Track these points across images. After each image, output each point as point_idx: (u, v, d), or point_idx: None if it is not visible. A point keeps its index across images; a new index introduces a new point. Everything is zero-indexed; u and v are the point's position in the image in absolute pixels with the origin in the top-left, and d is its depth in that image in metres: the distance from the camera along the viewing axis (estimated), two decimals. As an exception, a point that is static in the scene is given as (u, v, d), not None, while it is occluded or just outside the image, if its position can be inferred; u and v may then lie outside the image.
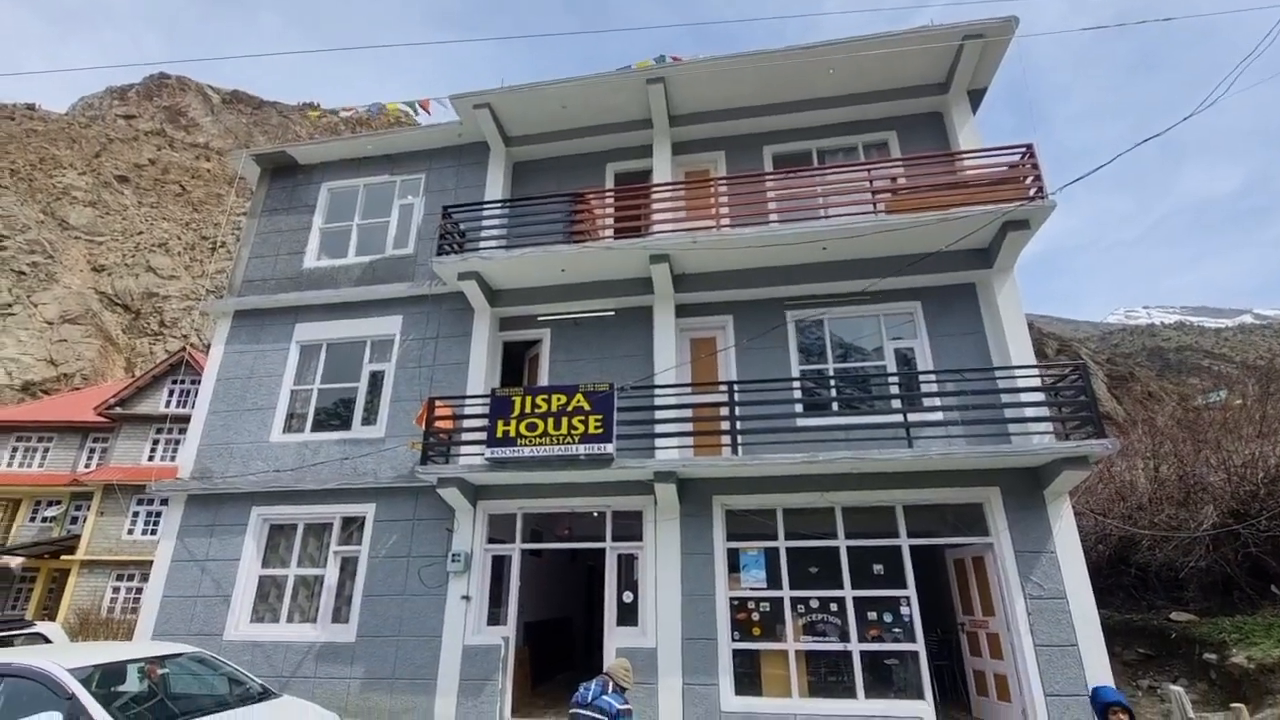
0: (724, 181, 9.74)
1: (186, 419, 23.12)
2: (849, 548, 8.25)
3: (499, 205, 10.43)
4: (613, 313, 10.11)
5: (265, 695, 7.04)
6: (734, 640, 8.11)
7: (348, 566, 9.44)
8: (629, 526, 8.96)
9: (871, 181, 9.30)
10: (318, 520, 9.73)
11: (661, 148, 10.84)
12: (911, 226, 8.66)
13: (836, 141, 10.87)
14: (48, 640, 10.74)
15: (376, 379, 10.38)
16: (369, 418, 10.14)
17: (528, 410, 8.49)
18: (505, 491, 9.16)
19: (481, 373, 9.82)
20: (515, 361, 10.87)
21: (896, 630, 7.91)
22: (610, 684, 5.37)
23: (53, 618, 19.80)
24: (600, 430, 8.24)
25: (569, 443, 8.24)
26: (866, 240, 8.85)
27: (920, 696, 7.53)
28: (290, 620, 9.36)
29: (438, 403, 9.09)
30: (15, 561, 23.11)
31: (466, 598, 8.75)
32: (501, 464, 8.48)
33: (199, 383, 23.63)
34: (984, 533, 8.11)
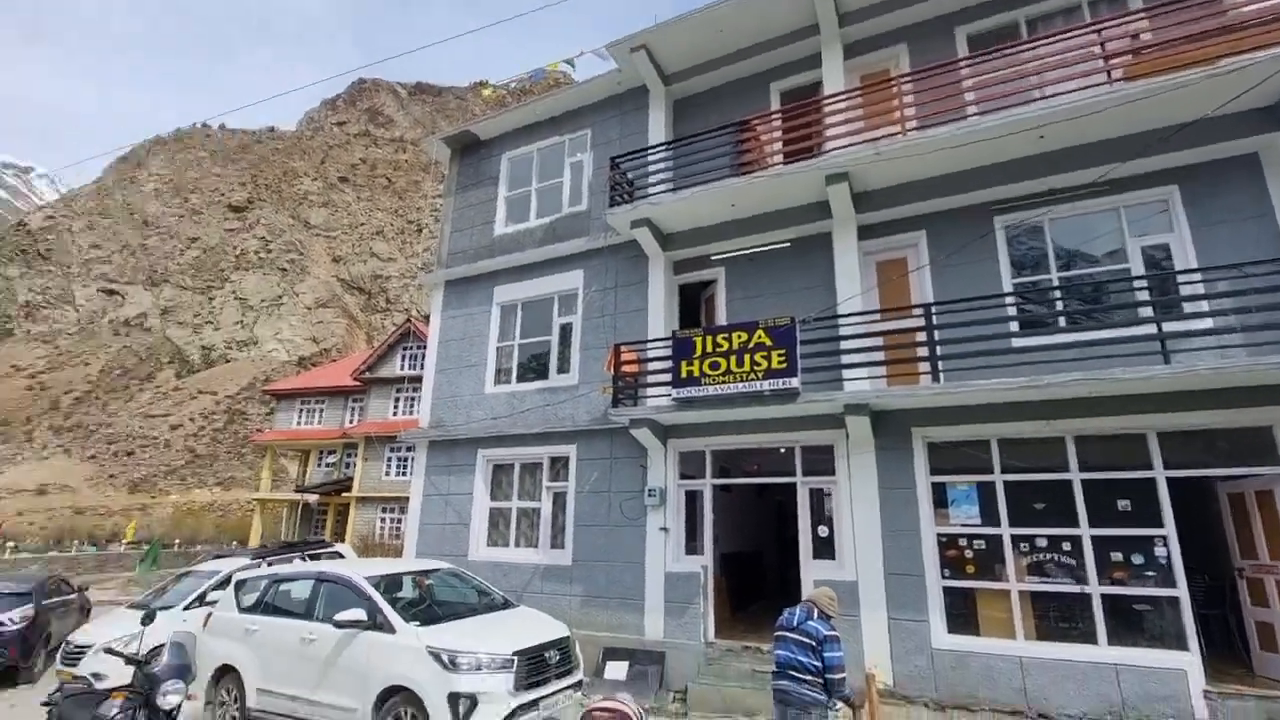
0: (908, 79, 8.65)
1: (417, 379, 26.95)
2: (1085, 482, 7.26)
3: (663, 148, 10.36)
4: (788, 244, 9.69)
5: (507, 605, 8.19)
6: (944, 578, 7.67)
7: (558, 500, 10.50)
8: (820, 461, 8.77)
9: (1104, 45, 7.63)
10: (530, 460, 10.90)
11: (831, 53, 9.89)
12: (1166, 91, 6.96)
13: (1050, 3, 9.05)
14: (343, 557, 13.53)
15: (566, 331, 11.15)
16: (563, 367, 10.98)
17: (709, 350, 8.56)
18: (693, 430, 9.43)
19: (660, 317, 10.07)
20: (692, 303, 10.97)
21: (1149, 573, 6.88)
22: (815, 610, 5.38)
23: (342, 540, 24.88)
24: (784, 365, 8.06)
25: (752, 379, 8.19)
26: (1100, 119, 7.35)
27: (1183, 647, 6.53)
28: (517, 545, 10.73)
29: (622, 349, 9.52)
30: (312, 498, 29.32)
31: (664, 529, 9.29)
32: (687, 403, 8.71)
33: (424, 347, 27.43)
34: (1274, 461, 6.63)
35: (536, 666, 6.71)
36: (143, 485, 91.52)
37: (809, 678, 5.10)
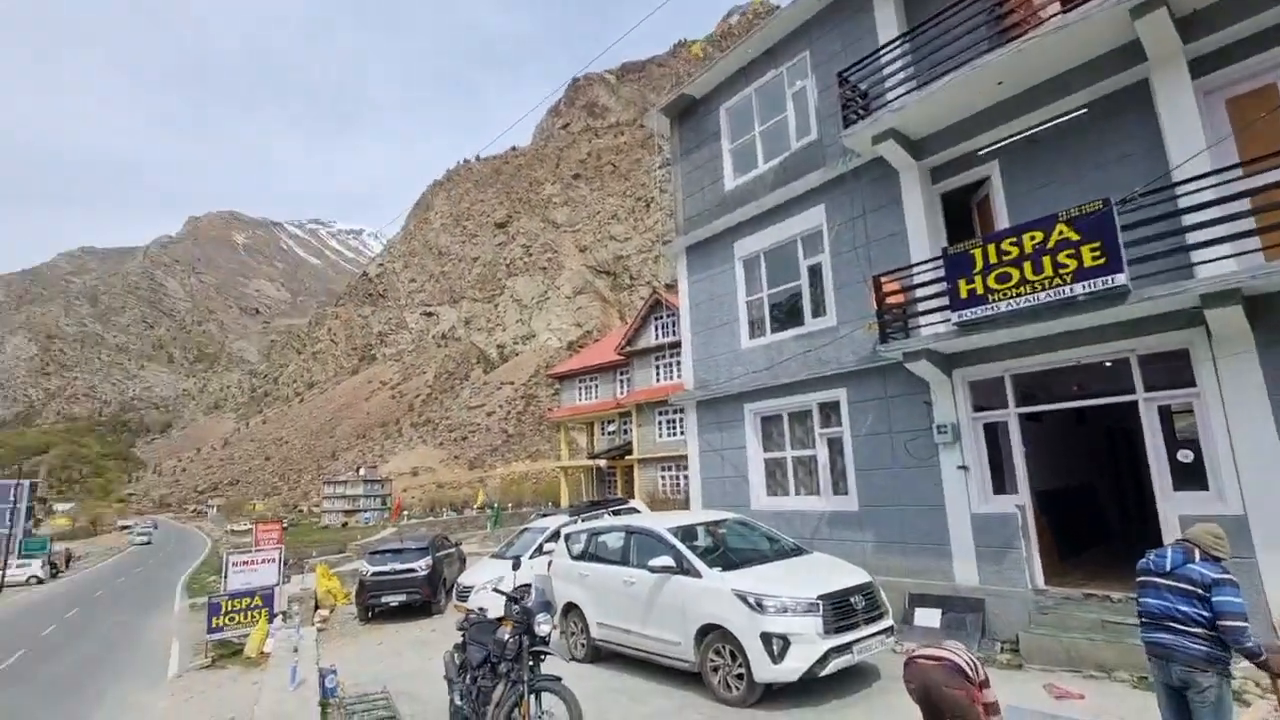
0: None
1: (673, 346, 28.52)
2: None
3: (898, 43, 9.13)
4: (1084, 110, 7.82)
5: (799, 551, 8.28)
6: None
7: (834, 446, 10.20)
8: (1168, 371, 7.04)
9: None
10: (797, 409, 10.76)
11: None
12: None
13: None
14: (639, 511, 15.06)
15: (815, 272, 10.66)
16: (818, 310, 10.54)
17: (992, 261, 7.39)
18: (982, 355, 8.31)
19: (922, 236, 9.01)
20: (958, 212, 9.60)
21: None
22: (1196, 552, 4.35)
23: (633, 497, 27.84)
24: (1100, 260, 6.57)
25: (1058, 285, 6.86)
26: None
27: None
28: (797, 494, 10.74)
29: (883, 279, 8.76)
30: (602, 462, 33.24)
31: (963, 468, 8.42)
32: (972, 327, 7.68)
33: (674, 316, 29.00)
34: None
35: (843, 611, 6.71)
36: (477, 462, 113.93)
37: (1196, 629, 4.16)
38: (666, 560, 7.57)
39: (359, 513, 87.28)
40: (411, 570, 15.01)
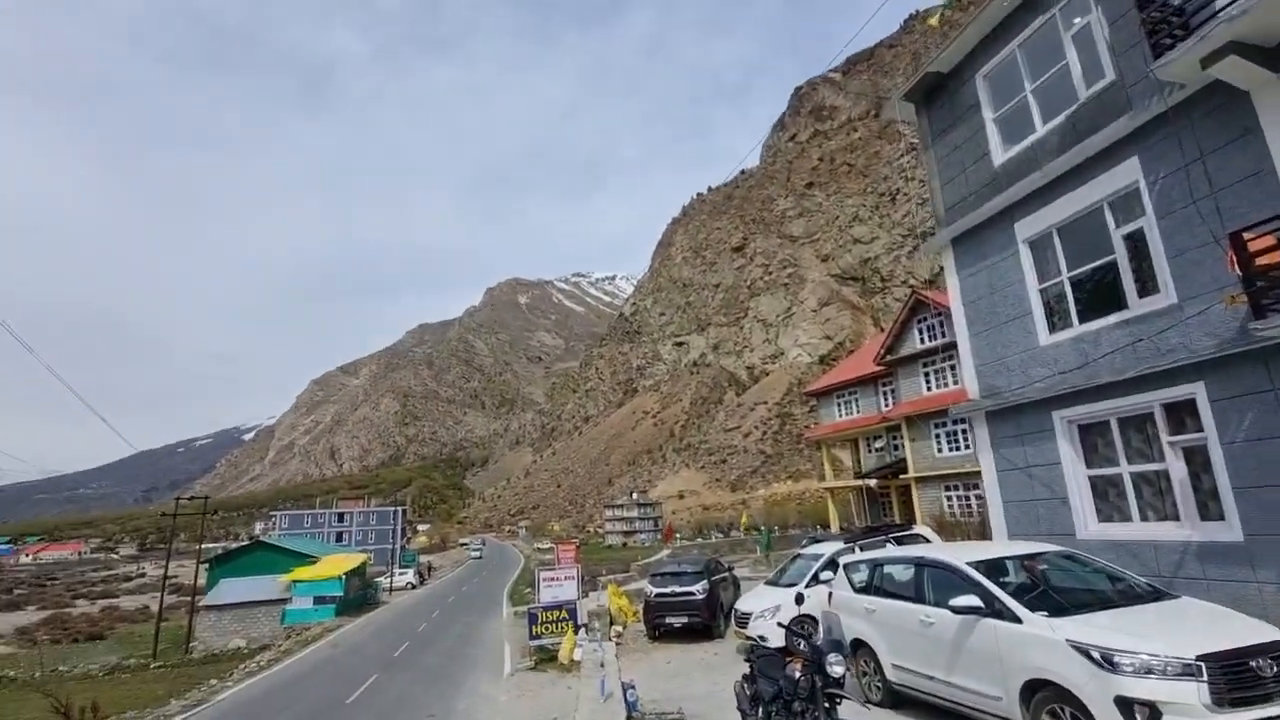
0: None
1: (939, 350, 25.62)
2: None
3: (1229, -69, 7.01)
4: None
5: (1158, 595, 6.57)
6: None
7: (1194, 457, 7.92)
8: None
9: None
10: (1131, 413, 8.64)
11: None
12: None
13: None
14: (926, 539, 13.54)
15: (1135, 241, 8.57)
16: (1146, 287, 8.42)
17: None
18: None
19: (1305, 167, 6.64)
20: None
21: None
22: None
23: (912, 522, 25.23)
24: None
25: None
26: None
27: None
28: (1143, 519, 8.56)
29: (1246, 235, 6.65)
30: (872, 482, 30.94)
31: None
32: None
33: (939, 316, 26.11)
34: None
35: (1242, 678, 5.09)
36: (739, 484, 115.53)
37: None
38: (971, 600, 6.60)
39: (635, 533, 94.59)
40: (690, 593, 15.59)
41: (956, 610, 6.66)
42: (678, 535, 78.26)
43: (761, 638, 7.98)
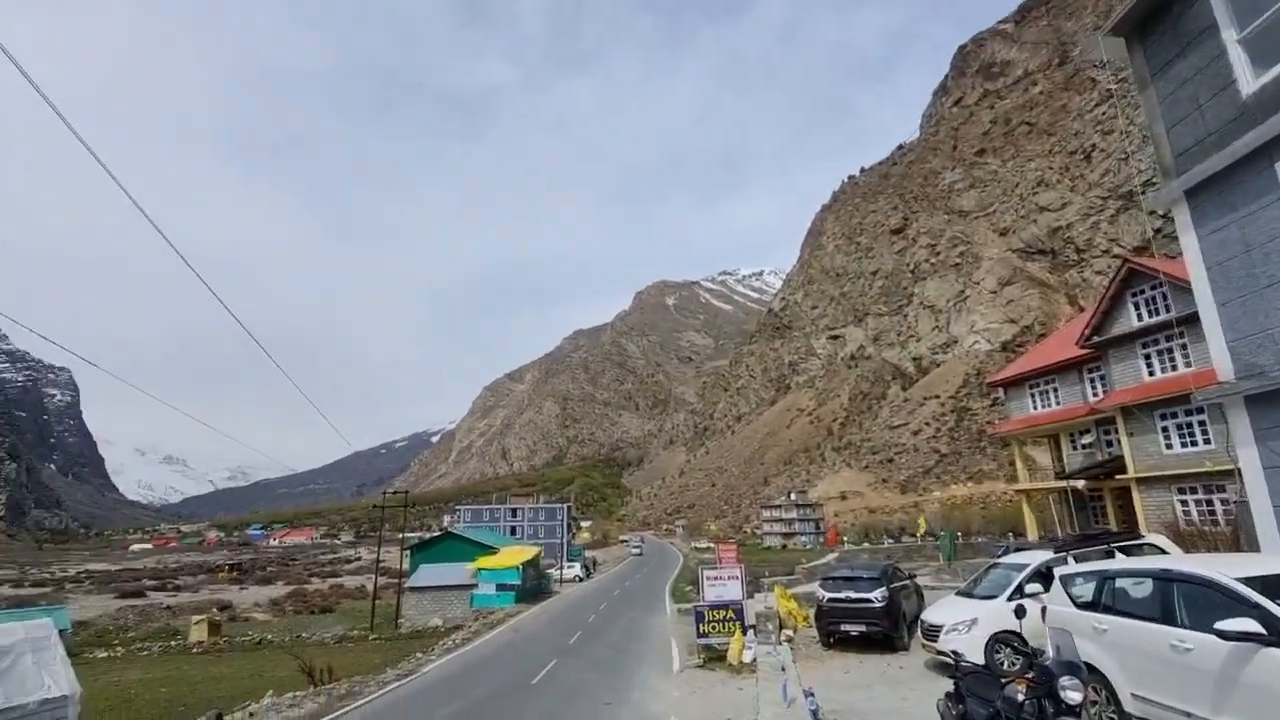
0: None
1: (1162, 327, 21.69)
2: None
3: None
4: None
5: None
6: None
7: None
8: None
9: None
10: None
11: None
12: None
13: None
14: (1162, 550, 11.43)
15: None
16: None
17: None
18: None
19: None
20: None
21: None
22: None
23: (1130, 530, 21.48)
24: None
25: None
26: None
27: None
28: None
29: None
30: (1079, 483, 26.97)
31: None
32: None
33: (1160, 286, 22.11)
34: None
35: None
36: (909, 485, 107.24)
37: None
38: (1247, 625, 5.35)
39: (795, 535, 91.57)
40: (867, 600, 14.60)
41: (1226, 636, 5.46)
42: (843, 538, 74.50)
43: (955, 653, 7.18)
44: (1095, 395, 26.36)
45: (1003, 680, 5.07)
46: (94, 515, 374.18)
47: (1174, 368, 21.91)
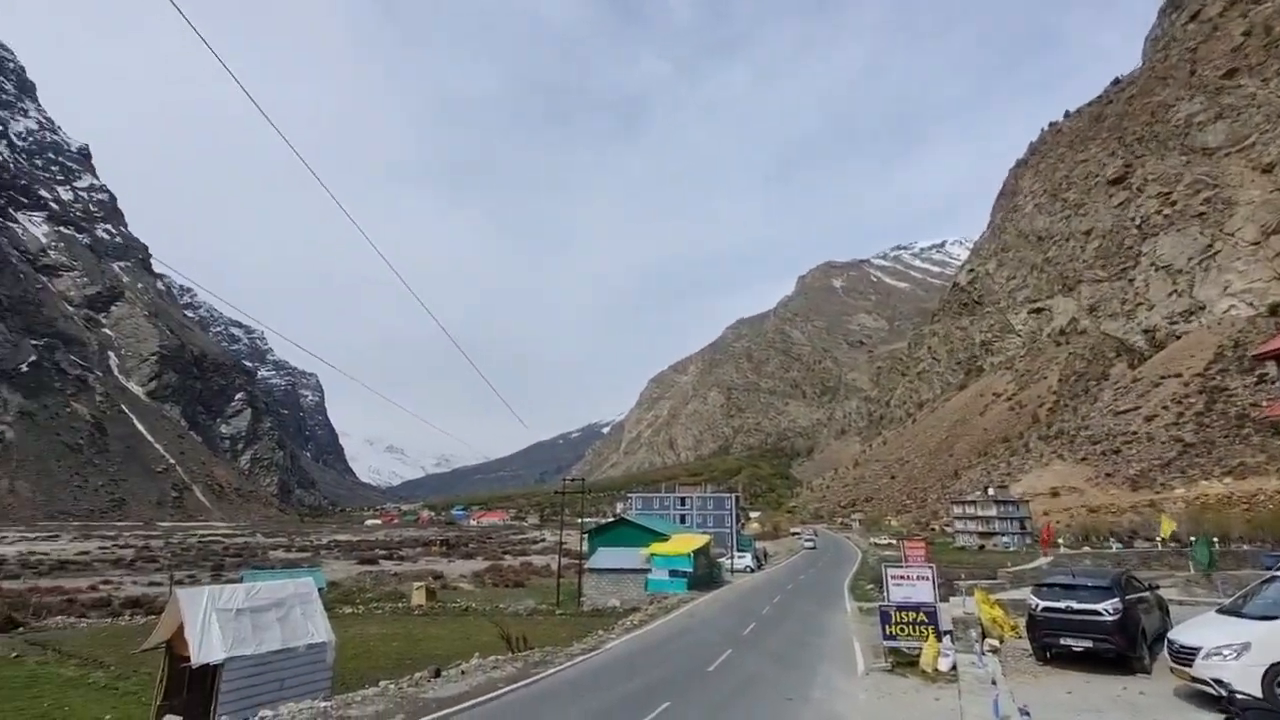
0: None
1: None
2: None
3: None
4: None
5: None
6: None
7: None
8: None
9: None
10: None
11: None
12: None
13: None
14: None
15: None
16: None
17: None
18: None
19: None
20: None
21: None
22: None
23: None
24: None
25: None
26: None
27: None
28: None
29: None
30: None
31: None
32: None
33: None
34: None
35: None
36: (1141, 481, 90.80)
37: None
38: None
39: (994, 535, 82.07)
40: (1095, 613, 12.45)
41: None
42: (1059, 541, 65.52)
43: (1220, 682, 5.77)
44: None
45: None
46: (338, 495, 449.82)
47: None
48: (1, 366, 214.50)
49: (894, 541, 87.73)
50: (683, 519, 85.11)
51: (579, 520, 56.75)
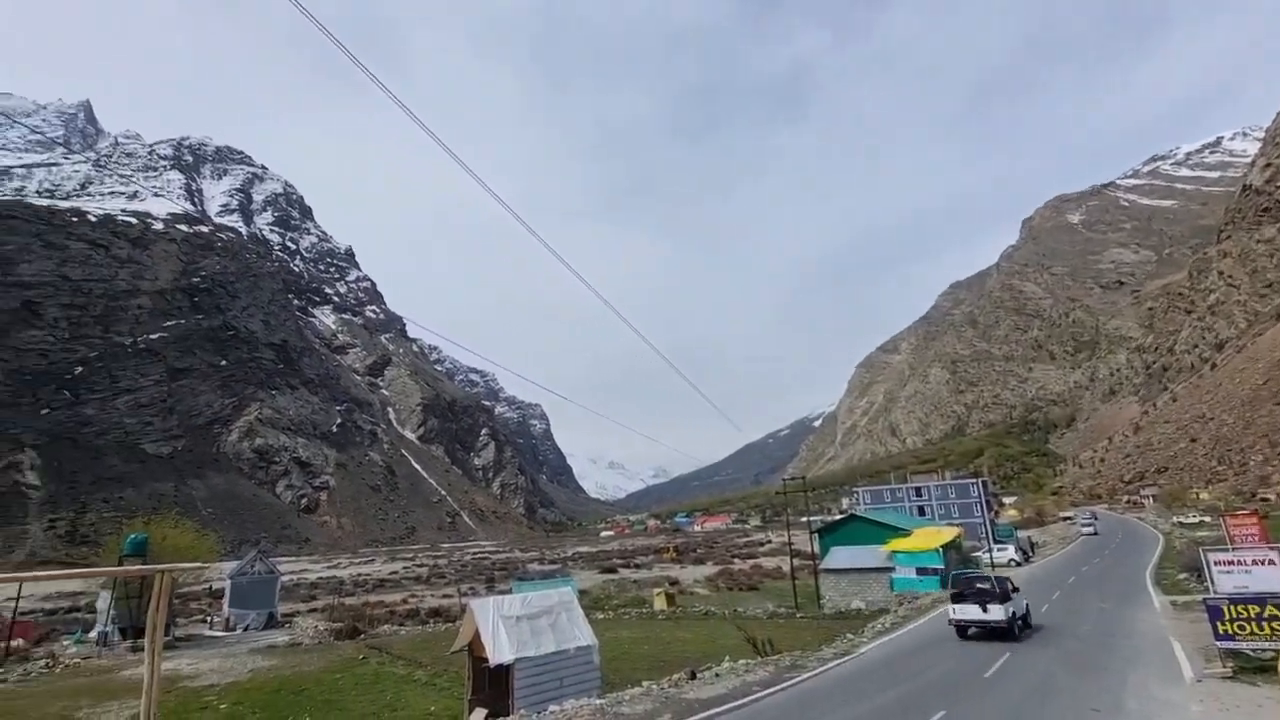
0: None
1: None
2: None
3: None
4: None
5: None
6: None
7: None
8: None
9: None
10: None
11: None
12: None
13: None
14: None
15: None
16: None
17: None
18: None
19: None
20: None
21: None
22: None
23: None
24: None
25: None
26: None
27: None
28: None
29: None
30: None
31: None
32: None
33: None
34: None
35: None
36: None
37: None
38: None
39: (1368, 500, 62.15)
40: None
41: None
42: None
43: None
44: None
45: None
46: (573, 510, 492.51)
47: None
48: (320, 430, 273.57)
49: (1207, 519, 71.00)
50: (921, 511, 78.38)
51: (804, 520, 55.13)
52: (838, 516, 63.37)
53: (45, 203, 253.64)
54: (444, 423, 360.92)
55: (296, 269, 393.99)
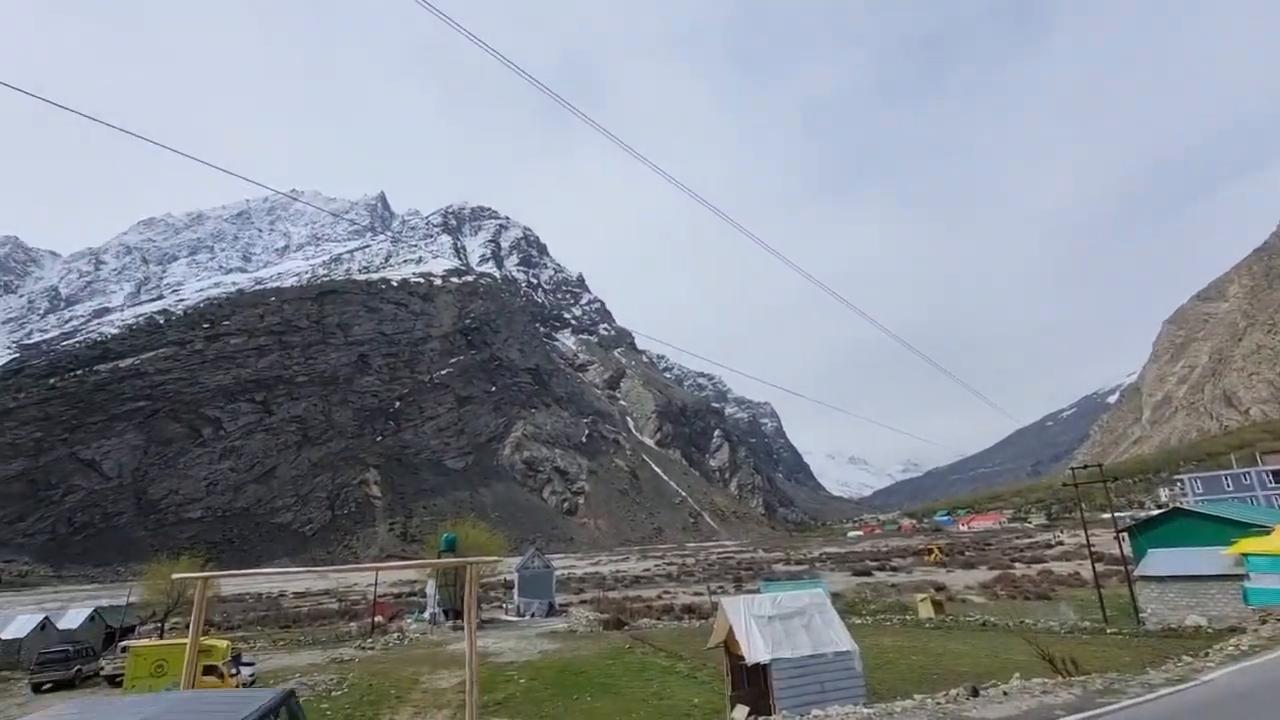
0: None
1: None
2: None
3: None
4: None
5: None
6: None
7: None
8: None
9: None
10: None
11: None
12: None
13: None
14: None
15: None
16: None
17: None
18: None
19: None
20: None
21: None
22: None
23: None
24: None
25: None
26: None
27: None
28: None
29: None
30: None
31: None
32: None
33: None
34: None
35: None
36: None
37: None
38: None
39: None
40: None
41: None
42: None
43: None
44: None
45: None
46: (815, 509, 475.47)
47: None
48: (573, 441, 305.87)
49: None
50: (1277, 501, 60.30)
51: (1111, 516, 45.89)
52: (1155, 511, 51.61)
53: (363, 277, 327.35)
54: (678, 427, 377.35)
55: (539, 300, 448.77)
